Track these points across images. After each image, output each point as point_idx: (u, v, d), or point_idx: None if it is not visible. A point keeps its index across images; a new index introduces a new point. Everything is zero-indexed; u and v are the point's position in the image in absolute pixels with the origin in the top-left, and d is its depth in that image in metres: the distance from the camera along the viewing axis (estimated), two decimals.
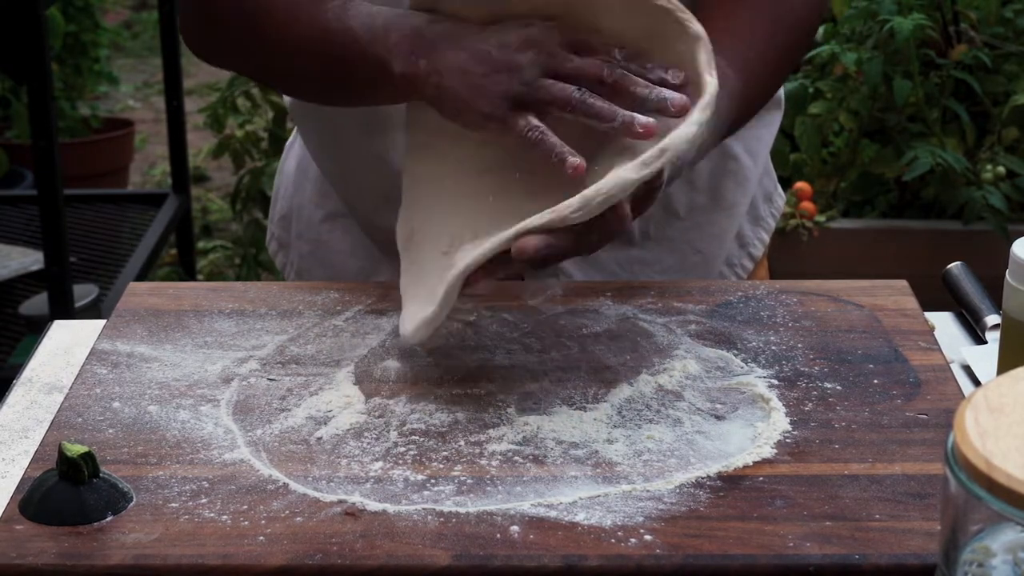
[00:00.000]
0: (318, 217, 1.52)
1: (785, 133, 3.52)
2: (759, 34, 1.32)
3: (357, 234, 1.51)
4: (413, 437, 1.11)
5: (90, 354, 1.24)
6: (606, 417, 1.13)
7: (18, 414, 1.22)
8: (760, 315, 1.29)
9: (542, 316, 1.29)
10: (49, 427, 1.13)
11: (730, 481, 1.05)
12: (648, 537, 0.98)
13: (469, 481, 1.05)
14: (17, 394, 1.25)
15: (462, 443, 1.10)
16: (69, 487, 1.01)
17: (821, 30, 3.47)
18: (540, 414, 1.13)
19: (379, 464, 1.07)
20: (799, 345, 1.24)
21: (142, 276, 3.26)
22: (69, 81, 4.28)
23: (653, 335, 1.25)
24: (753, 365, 1.21)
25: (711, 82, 1.16)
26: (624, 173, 1.12)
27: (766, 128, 1.52)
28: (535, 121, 1.17)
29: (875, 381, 1.18)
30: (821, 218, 3.47)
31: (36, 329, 2.99)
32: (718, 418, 1.13)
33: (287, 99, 1.51)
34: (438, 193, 1.25)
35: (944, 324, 1.40)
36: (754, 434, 1.11)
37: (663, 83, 1.17)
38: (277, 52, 1.32)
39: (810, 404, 1.15)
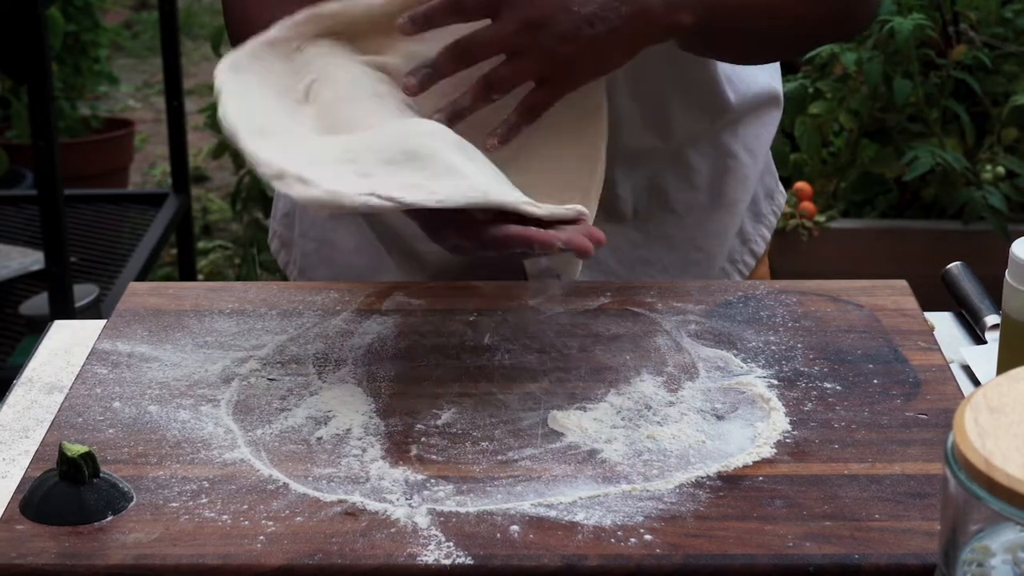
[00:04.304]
0: (323, 213, 1.52)
1: (785, 133, 3.52)
2: None
3: (363, 231, 1.50)
4: (414, 437, 1.11)
5: (90, 354, 1.24)
6: (606, 417, 1.13)
7: (18, 414, 1.22)
8: (760, 315, 1.29)
9: (542, 316, 1.29)
10: (49, 427, 1.13)
11: (730, 481, 1.05)
12: (648, 537, 0.98)
13: (469, 481, 1.05)
14: (17, 394, 1.25)
15: (462, 443, 1.10)
16: (69, 487, 1.01)
17: None
18: (540, 414, 1.13)
19: (379, 464, 1.07)
20: (799, 345, 1.24)
21: (142, 276, 3.26)
22: (69, 81, 4.28)
23: (653, 335, 1.25)
24: (753, 365, 1.21)
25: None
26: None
27: (765, 127, 1.52)
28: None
29: (875, 381, 1.18)
30: (821, 218, 3.47)
31: (36, 329, 2.99)
32: (718, 418, 1.13)
33: None
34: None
35: (944, 324, 1.40)
36: (754, 434, 1.11)
37: None
38: None
39: (810, 404, 1.15)
